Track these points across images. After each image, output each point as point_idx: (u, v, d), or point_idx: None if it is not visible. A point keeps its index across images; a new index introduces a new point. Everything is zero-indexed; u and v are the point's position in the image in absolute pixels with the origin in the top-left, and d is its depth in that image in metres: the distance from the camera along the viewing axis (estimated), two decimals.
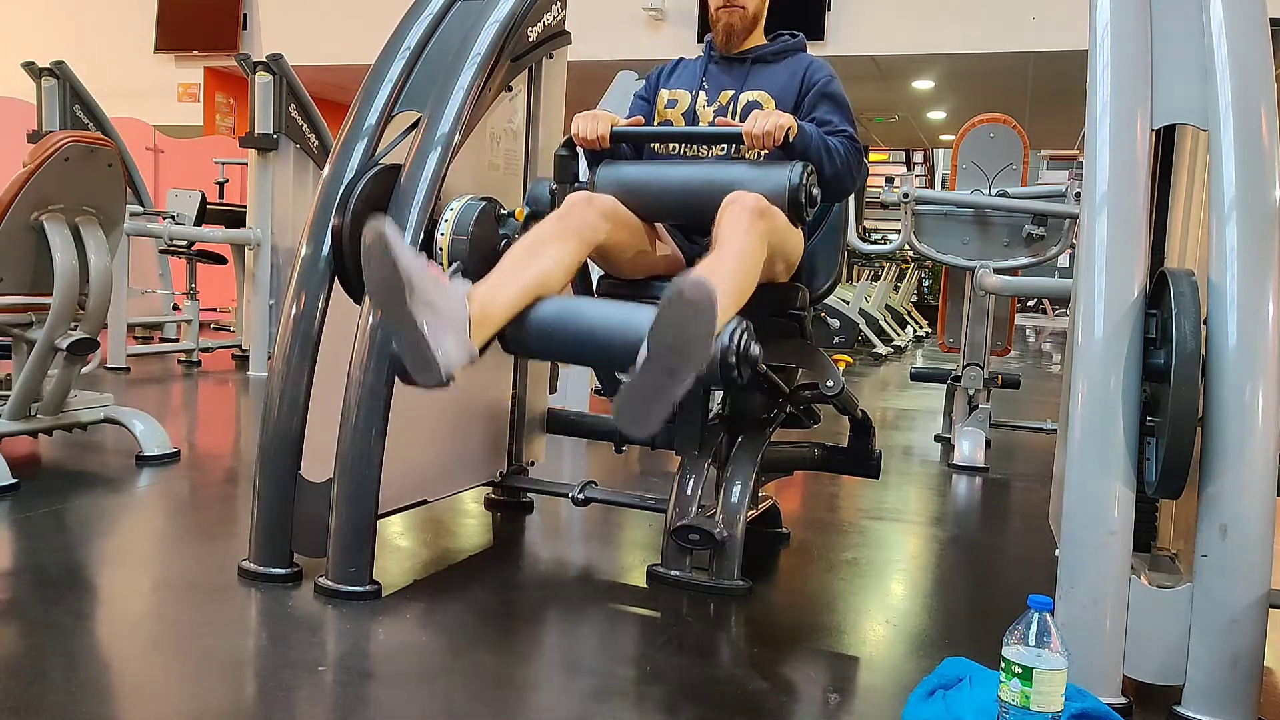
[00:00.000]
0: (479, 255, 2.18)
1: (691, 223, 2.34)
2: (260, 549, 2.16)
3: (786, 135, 2.12)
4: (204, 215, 6.06)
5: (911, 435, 4.85)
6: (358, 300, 2.17)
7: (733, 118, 2.34)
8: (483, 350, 1.79)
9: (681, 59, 2.57)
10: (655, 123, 2.46)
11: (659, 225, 2.33)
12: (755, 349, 1.82)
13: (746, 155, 2.26)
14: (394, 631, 1.94)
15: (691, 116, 2.42)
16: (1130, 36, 1.80)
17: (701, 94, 2.42)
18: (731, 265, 1.90)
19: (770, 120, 2.13)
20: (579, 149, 2.33)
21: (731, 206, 2.01)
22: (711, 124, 2.36)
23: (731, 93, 2.39)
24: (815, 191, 2.16)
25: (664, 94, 2.48)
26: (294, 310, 2.18)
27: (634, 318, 1.77)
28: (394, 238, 1.64)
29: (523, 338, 1.88)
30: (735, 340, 1.77)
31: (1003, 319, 4.55)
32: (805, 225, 2.24)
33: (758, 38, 2.47)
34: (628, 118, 2.39)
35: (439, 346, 1.67)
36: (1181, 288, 1.66)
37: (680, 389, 1.61)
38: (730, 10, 2.40)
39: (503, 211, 2.26)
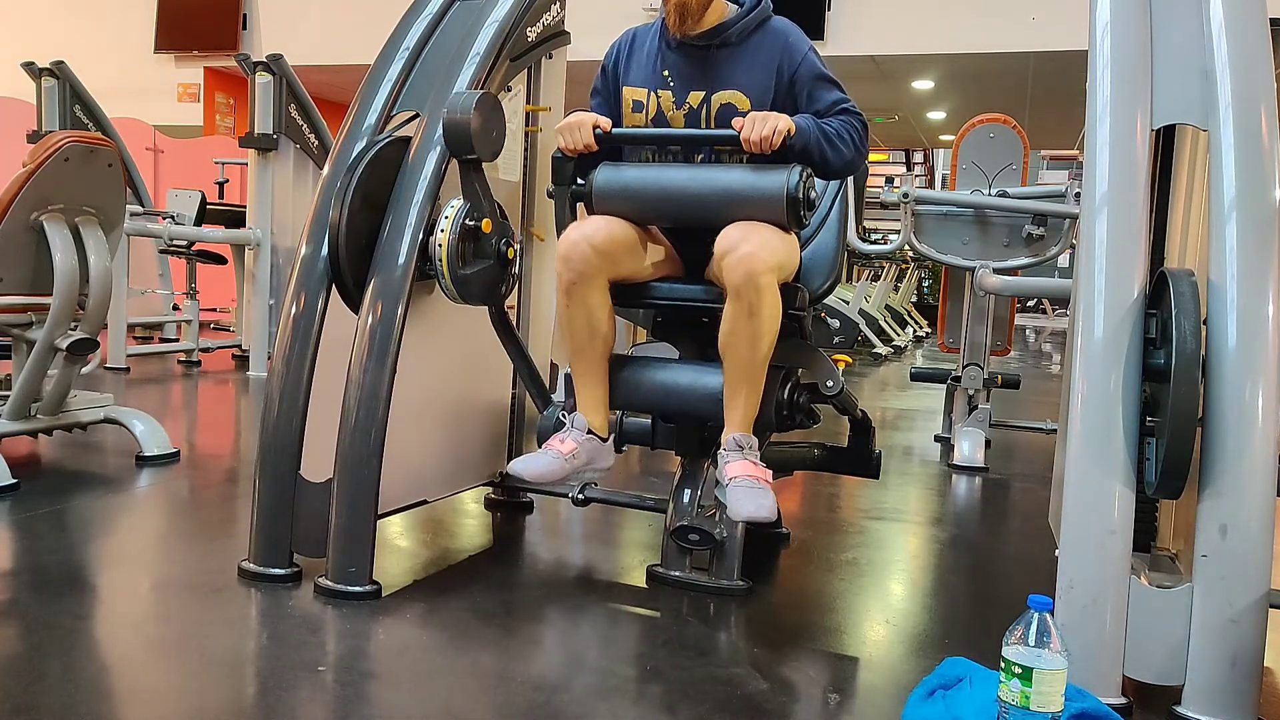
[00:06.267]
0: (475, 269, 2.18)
1: (689, 227, 2.30)
2: (260, 549, 2.16)
3: (785, 137, 2.08)
4: (204, 215, 6.06)
5: (911, 435, 4.85)
6: (354, 308, 2.16)
7: (707, 124, 2.22)
8: (614, 435, 2.30)
9: (634, 36, 2.35)
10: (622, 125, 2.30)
11: (653, 227, 2.32)
12: (803, 398, 2.34)
13: (726, 160, 2.22)
14: (394, 631, 1.94)
15: (661, 124, 2.26)
16: (1130, 36, 1.80)
17: (667, 94, 2.25)
18: (747, 388, 2.13)
19: (767, 124, 2.06)
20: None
21: (734, 270, 2.04)
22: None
23: (701, 94, 2.22)
24: (813, 195, 2.13)
25: (626, 94, 2.30)
26: (294, 310, 2.18)
27: (703, 379, 2.23)
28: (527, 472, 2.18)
29: (622, 401, 2.30)
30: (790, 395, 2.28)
31: (1003, 319, 4.55)
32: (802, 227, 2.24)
33: (717, 10, 2.20)
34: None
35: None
36: (1181, 288, 1.66)
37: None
38: None
39: (483, 231, 2.21)
